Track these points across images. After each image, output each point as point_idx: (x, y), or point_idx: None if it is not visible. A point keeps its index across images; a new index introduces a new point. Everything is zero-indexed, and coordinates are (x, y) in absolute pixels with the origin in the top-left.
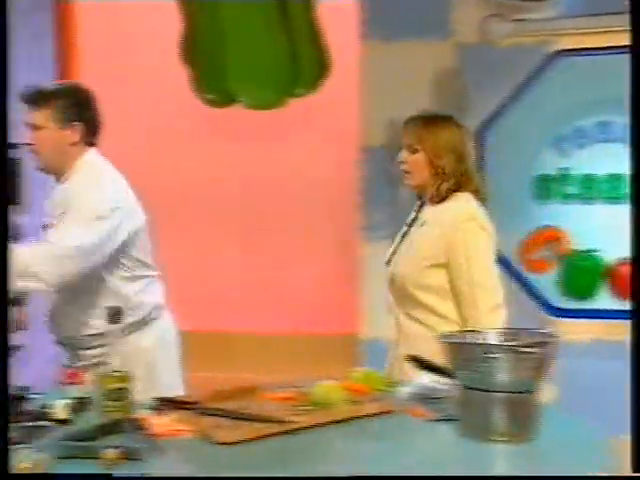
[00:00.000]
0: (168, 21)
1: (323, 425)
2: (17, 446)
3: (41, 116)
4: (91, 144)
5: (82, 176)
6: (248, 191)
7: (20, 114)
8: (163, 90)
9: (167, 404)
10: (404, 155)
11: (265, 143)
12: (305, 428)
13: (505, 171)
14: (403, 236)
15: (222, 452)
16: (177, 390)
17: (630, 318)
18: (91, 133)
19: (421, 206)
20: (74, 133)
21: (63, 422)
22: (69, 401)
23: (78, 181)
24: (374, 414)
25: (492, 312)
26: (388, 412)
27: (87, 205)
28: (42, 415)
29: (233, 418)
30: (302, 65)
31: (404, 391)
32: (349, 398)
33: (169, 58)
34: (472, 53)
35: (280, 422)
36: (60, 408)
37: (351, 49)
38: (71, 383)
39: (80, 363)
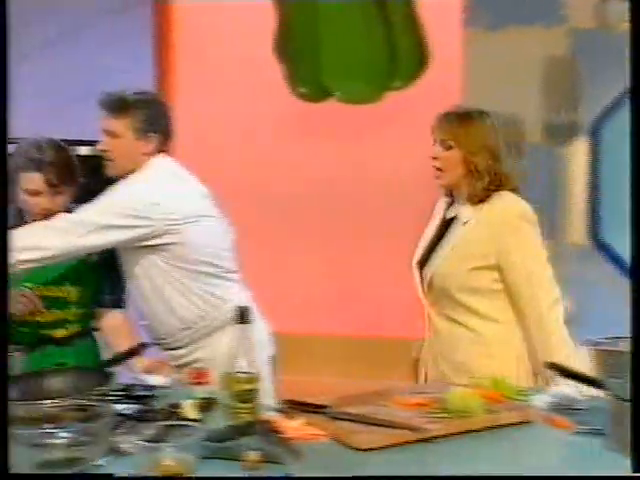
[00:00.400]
0: (261, 19)
1: (459, 434)
2: (155, 444)
3: (120, 125)
4: (162, 152)
5: (134, 176)
6: (338, 190)
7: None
8: (257, 87)
9: (296, 407)
10: (437, 151)
11: (359, 140)
12: (441, 436)
13: (622, 171)
14: (439, 236)
15: (358, 458)
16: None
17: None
18: (164, 143)
19: (451, 204)
20: (148, 144)
21: (193, 422)
22: (196, 401)
23: (127, 179)
24: (512, 424)
25: (552, 307)
26: (527, 422)
27: (113, 197)
28: (172, 414)
29: (368, 424)
30: (399, 57)
31: (541, 400)
32: (485, 406)
33: (263, 55)
34: (586, 39)
35: (416, 429)
36: (189, 408)
37: (453, 39)
38: (196, 383)
39: (173, 363)
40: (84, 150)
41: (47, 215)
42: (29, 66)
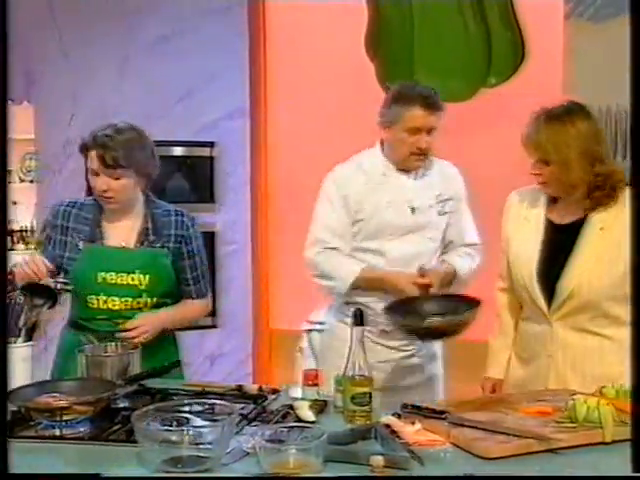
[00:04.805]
0: (353, 17)
1: (587, 445)
2: (277, 445)
3: (438, 120)
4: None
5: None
6: None
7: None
8: (348, 85)
9: (414, 412)
10: (536, 167)
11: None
12: (569, 447)
13: None
14: (557, 245)
15: (484, 466)
16: None
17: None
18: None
19: (552, 207)
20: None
21: (310, 424)
22: (311, 403)
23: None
24: None
25: None
26: None
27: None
28: (288, 416)
29: (492, 431)
30: (495, 54)
31: None
32: (615, 417)
33: (354, 54)
34: None
35: (544, 439)
36: (305, 410)
37: (556, 33)
38: (309, 384)
39: None
40: (179, 151)
41: (109, 198)
42: (131, 67)
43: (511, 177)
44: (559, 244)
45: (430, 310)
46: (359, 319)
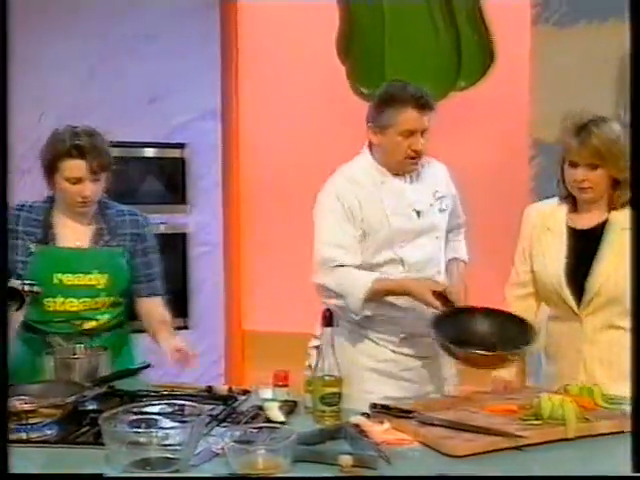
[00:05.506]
0: (324, 19)
1: (552, 442)
2: (246, 446)
3: (430, 120)
4: None
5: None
6: None
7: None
8: (319, 87)
9: (383, 411)
10: (583, 173)
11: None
12: (534, 444)
13: None
14: (581, 247)
15: (451, 464)
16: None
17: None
18: None
19: (572, 213)
20: None
21: (279, 424)
22: (280, 403)
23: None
24: (607, 433)
25: None
26: (622, 432)
27: None
28: (257, 416)
29: (460, 430)
30: (464, 57)
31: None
32: (578, 414)
33: (326, 56)
34: None
35: (510, 436)
36: (274, 410)
37: (522, 38)
38: (280, 385)
39: None
40: (150, 152)
41: (87, 203)
42: (102, 68)
43: (478, 178)
44: (584, 248)
45: (482, 331)
46: (329, 320)
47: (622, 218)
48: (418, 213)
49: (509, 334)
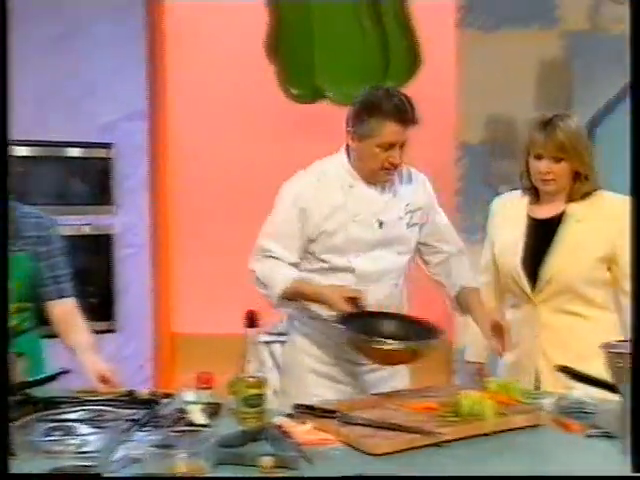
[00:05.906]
0: (253, 20)
1: (471, 437)
2: (166, 450)
3: (409, 132)
4: None
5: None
6: None
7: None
8: (248, 88)
9: (305, 411)
10: (547, 165)
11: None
12: (452, 440)
13: (616, 176)
14: (539, 236)
15: (373, 463)
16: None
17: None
18: None
19: (533, 205)
20: None
21: (202, 427)
22: (203, 406)
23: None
24: (523, 427)
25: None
26: (537, 425)
27: None
28: (180, 420)
29: (380, 428)
30: (392, 58)
31: (549, 403)
32: (496, 410)
33: (255, 56)
34: (581, 42)
35: (428, 433)
36: (197, 413)
37: (447, 40)
38: (203, 387)
39: None
40: (75, 152)
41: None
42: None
43: None
44: (541, 236)
45: (389, 331)
46: (251, 321)
47: (578, 210)
48: (381, 224)
49: (417, 333)
